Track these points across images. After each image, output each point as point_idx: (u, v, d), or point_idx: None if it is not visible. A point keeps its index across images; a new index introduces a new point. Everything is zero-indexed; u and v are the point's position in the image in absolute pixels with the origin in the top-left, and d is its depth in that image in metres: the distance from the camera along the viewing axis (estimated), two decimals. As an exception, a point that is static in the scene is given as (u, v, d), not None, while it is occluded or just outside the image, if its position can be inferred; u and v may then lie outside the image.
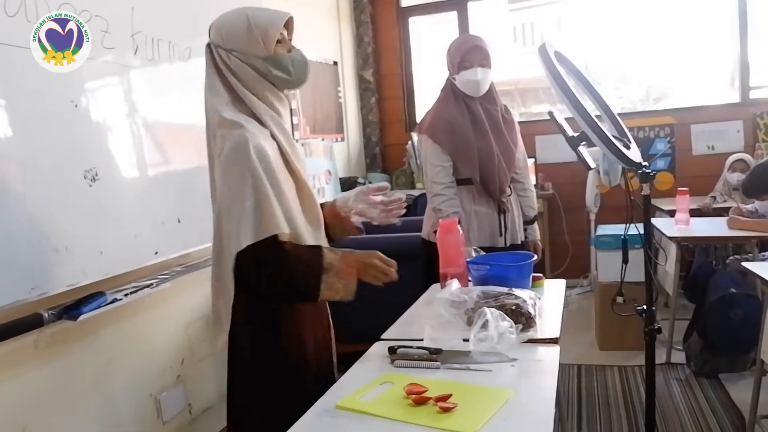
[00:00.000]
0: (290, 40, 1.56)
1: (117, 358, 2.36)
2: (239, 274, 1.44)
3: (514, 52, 6.41)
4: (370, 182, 4.80)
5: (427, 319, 1.63)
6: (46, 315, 1.92)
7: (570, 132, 1.72)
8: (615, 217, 4.00)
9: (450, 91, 2.53)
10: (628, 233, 1.94)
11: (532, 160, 4.99)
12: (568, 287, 2.46)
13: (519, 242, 2.59)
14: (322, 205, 1.70)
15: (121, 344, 2.39)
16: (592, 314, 3.98)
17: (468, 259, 1.93)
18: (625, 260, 1.92)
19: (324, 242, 1.61)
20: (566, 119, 1.83)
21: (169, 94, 2.47)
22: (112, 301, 2.12)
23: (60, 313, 1.96)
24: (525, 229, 2.66)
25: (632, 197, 1.82)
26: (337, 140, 4.85)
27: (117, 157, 2.18)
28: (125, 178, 2.22)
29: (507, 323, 1.43)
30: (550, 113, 1.78)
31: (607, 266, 3.63)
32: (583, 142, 1.69)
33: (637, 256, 2.00)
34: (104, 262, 2.05)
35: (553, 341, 1.49)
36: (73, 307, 1.99)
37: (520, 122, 2.72)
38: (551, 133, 4.51)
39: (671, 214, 3.80)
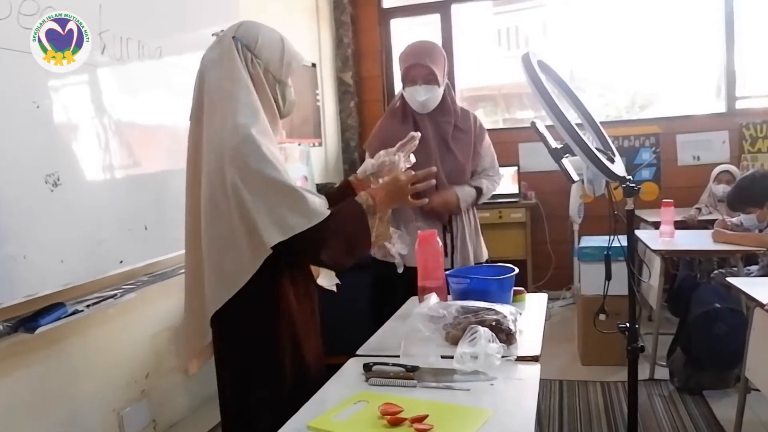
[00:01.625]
0: None
1: (77, 372, 2.32)
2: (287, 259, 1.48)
3: (499, 56, 6.45)
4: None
5: (403, 334, 1.62)
6: (0, 327, 1.88)
7: (553, 144, 1.73)
8: (599, 227, 4.03)
9: (400, 101, 2.43)
10: (612, 245, 1.96)
11: (515, 168, 5.03)
12: (550, 299, 2.47)
13: (473, 263, 2.43)
14: (341, 185, 1.85)
15: (82, 357, 2.35)
16: (575, 327, 4.01)
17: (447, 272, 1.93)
18: (608, 276, 1.94)
19: None
20: (548, 127, 1.84)
21: (139, 94, 2.44)
22: (73, 313, 2.09)
23: (16, 325, 1.93)
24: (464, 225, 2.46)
25: (615, 211, 1.83)
26: (314, 145, 4.83)
27: (81, 161, 2.15)
28: (90, 182, 2.19)
29: (496, 346, 1.43)
30: (533, 123, 1.79)
31: (590, 279, 3.66)
32: (567, 154, 1.70)
33: (620, 269, 2.01)
34: (65, 271, 2.01)
35: (534, 359, 1.49)
36: (31, 318, 1.95)
37: (502, 129, 2.71)
38: (535, 141, 4.51)
39: (656, 225, 3.85)
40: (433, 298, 1.71)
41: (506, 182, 5.04)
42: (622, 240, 1.94)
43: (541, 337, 1.66)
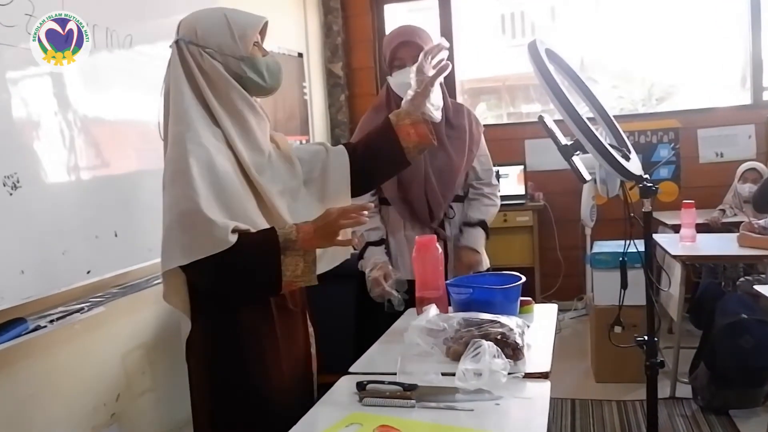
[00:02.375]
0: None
1: (40, 394, 2.31)
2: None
3: (503, 45, 6.48)
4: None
5: (400, 349, 1.63)
6: (-45, 345, 1.87)
7: (562, 140, 1.73)
8: (614, 231, 4.05)
9: (384, 94, 2.43)
10: (628, 251, 1.96)
11: (521, 167, 5.04)
12: (561, 310, 2.47)
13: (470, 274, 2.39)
14: (382, 125, 1.78)
15: (45, 378, 2.34)
16: (588, 341, 4.01)
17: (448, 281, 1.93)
18: (624, 285, 1.94)
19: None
20: (557, 122, 1.85)
21: (107, 88, 2.43)
22: (35, 329, 2.07)
23: (-28, 342, 1.91)
24: (460, 230, 2.45)
25: (632, 213, 1.84)
26: (301, 143, 4.84)
27: (43, 161, 2.14)
28: (53, 184, 2.18)
29: (502, 362, 1.43)
30: (541, 118, 1.80)
31: (603, 288, 3.67)
32: (578, 152, 1.71)
33: (637, 276, 2.02)
34: (26, 283, 2.00)
35: (544, 376, 1.50)
36: (-12, 335, 1.94)
37: (507, 124, 2.71)
38: (542, 137, 4.54)
39: (675, 229, 3.86)
40: (432, 310, 1.71)
41: (512, 182, 5.05)
42: (639, 245, 1.95)
43: (551, 352, 1.66)
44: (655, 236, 3.37)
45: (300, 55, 4.93)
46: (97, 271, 2.32)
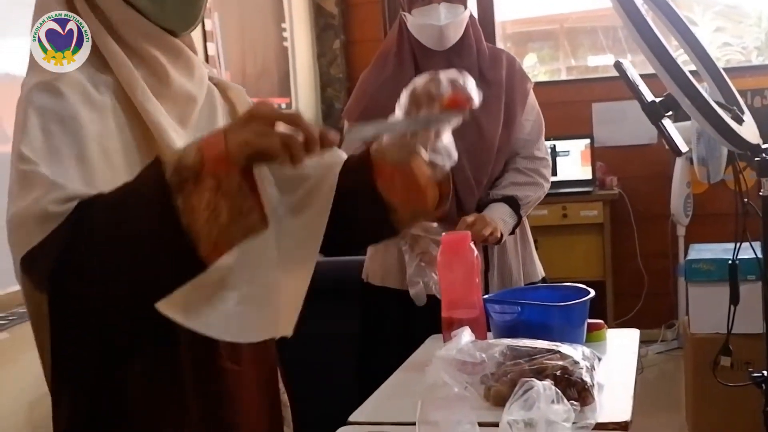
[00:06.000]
0: None
1: None
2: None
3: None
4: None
5: (421, 390, 1.62)
6: None
7: (649, 96, 1.73)
8: (718, 230, 4.02)
9: (395, 38, 2.44)
10: (738, 257, 1.96)
11: (586, 141, 5.01)
12: (644, 342, 2.46)
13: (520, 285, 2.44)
14: (360, 154, 1.42)
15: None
16: (681, 384, 4.01)
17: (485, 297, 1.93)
18: (734, 300, 1.93)
19: None
20: (642, 75, 1.84)
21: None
22: None
23: None
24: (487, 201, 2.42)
25: (746, 199, 1.83)
26: (280, 107, 4.83)
27: None
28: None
29: (563, 408, 1.42)
30: (618, 65, 1.79)
31: (704, 310, 3.65)
32: (670, 112, 1.70)
33: (752, 292, 2.01)
34: None
35: (622, 427, 1.50)
36: None
37: (567, 82, 2.69)
38: (616, 99, 4.61)
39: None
40: (465, 336, 1.70)
41: (574, 163, 5.04)
42: (756, 248, 1.94)
43: (632, 396, 1.66)
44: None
45: (277, -15, 4.94)
46: (-3, 283, 2.33)
